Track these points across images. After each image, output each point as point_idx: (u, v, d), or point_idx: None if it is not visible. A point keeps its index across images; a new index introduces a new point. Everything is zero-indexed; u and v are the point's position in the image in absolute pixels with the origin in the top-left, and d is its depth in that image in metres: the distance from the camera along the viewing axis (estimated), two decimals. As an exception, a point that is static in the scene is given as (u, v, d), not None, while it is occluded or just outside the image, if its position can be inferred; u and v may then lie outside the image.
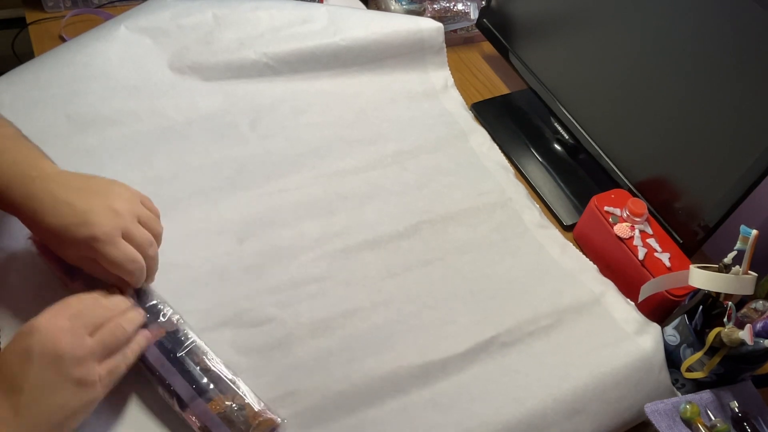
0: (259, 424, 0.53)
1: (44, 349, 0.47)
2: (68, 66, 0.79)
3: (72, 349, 0.47)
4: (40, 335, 0.47)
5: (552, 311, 0.68)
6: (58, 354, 0.47)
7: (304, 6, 0.92)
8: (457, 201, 0.78)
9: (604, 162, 0.82)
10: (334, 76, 0.90)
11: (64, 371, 0.47)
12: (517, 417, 0.59)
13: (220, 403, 0.54)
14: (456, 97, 0.94)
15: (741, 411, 0.60)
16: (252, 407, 0.54)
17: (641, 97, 0.76)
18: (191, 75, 0.84)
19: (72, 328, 0.48)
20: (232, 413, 0.53)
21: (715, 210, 0.69)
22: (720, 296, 0.63)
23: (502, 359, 0.63)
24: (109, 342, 0.50)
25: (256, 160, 0.78)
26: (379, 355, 0.62)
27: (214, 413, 0.53)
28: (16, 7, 1.05)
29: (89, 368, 0.48)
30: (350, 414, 0.58)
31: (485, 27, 1.03)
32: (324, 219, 0.73)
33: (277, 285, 0.66)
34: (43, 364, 0.46)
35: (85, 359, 0.48)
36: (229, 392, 0.55)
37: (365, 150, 0.82)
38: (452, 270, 0.71)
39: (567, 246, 0.76)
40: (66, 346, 0.47)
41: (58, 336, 0.47)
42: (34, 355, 0.46)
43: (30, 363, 0.46)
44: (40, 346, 0.47)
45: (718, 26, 0.65)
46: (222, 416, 0.53)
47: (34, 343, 0.47)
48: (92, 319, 0.50)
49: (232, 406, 0.54)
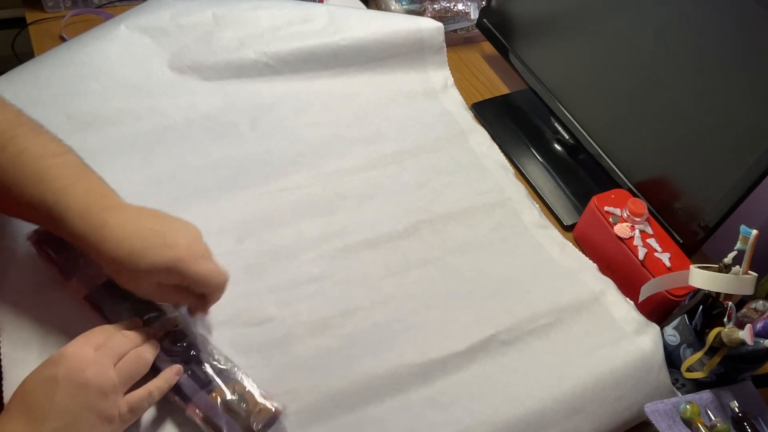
0: (260, 411, 0.54)
1: (70, 378, 0.46)
2: (68, 65, 0.79)
3: (97, 379, 0.47)
4: (68, 364, 0.47)
5: (551, 310, 0.68)
6: (84, 384, 0.47)
7: (304, 5, 0.92)
8: (456, 200, 0.78)
9: (604, 162, 0.82)
10: (334, 76, 0.90)
11: (89, 402, 0.47)
12: (517, 416, 0.59)
13: (221, 393, 0.54)
14: (456, 97, 0.94)
15: (741, 411, 0.60)
16: (253, 395, 0.54)
17: (641, 97, 0.76)
18: (191, 74, 0.84)
19: (97, 359, 0.48)
20: (233, 402, 0.53)
21: (715, 210, 0.69)
22: (720, 296, 0.63)
23: (502, 358, 0.63)
24: (132, 372, 0.50)
25: (256, 159, 0.78)
26: (378, 354, 0.62)
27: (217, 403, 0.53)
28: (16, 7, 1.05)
29: (112, 402, 0.48)
30: (350, 412, 0.58)
31: (485, 27, 1.03)
32: (323, 218, 0.73)
33: (276, 284, 0.66)
34: (68, 393, 0.46)
35: (109, 392, 0.48)
36: (229, 382, 0.55)
37: (365, 149, 0.82)
38: (451, 269, 0.71)
39: (566, 245, 0.76)
40: (91, 376, 0.47)
41: (84, 366, 0.47)
42: (59, 383, 0.46)
43: (56, 390, 0.46)
44: (67, 374, 0.47)
45: (719, 26, 0.65)
46: (224, 405, 0.53)
47: (61, 371, 0.47)
48: (116, 350, 0.50)
49: (233, 396, 0.54)
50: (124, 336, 0.52)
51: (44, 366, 0.48)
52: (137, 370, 0.51)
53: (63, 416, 0.46)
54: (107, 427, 0.48)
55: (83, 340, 0.50)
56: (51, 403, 0.46)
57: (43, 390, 0.46)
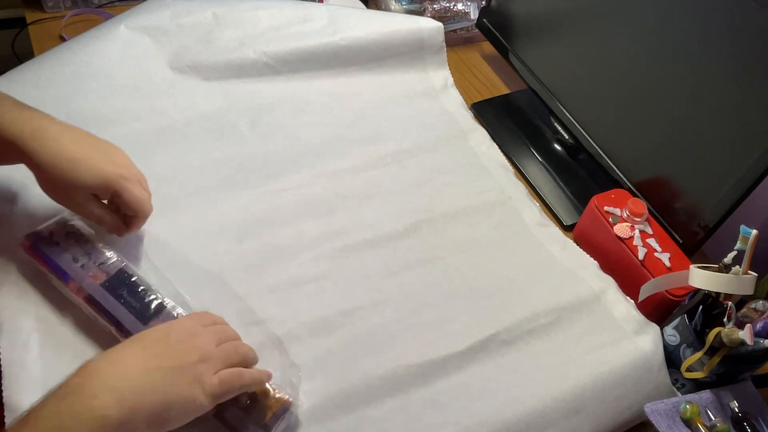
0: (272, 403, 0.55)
1: (180, 336, 0.51)
2: (68, 65, 0.79)
3: (202, 344, 0.51)
4: (183, 325, 0.53)
5: (551, 309, 0.68)
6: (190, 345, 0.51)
7: (304, 5, 0.92)
8: (456, 200, 0.78)
9: (604, 162, 0.82)
10: (334, 76, 0.90)
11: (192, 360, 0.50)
12: (517, 416, 0.59)
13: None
14: (455, 97, 0.94)
15: (741, 411, 0.60)
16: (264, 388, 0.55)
17: (641, 97, 0.76)
18: (191, 74, 0.84)
19: (206, 332, 0.53)
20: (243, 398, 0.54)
21: (715, 210, 0.69)
22: (720, 296, 0.63)
23: (502, 358, 0.63)
24: (229, 356, 0.53)
25: (256, 159, 0.78)
26: (378, 354, 0.62)
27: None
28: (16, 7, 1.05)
29: (209, 370, 0.50)
30: (349, 413, 0.58)
31: (485, 27, 1.03)
32: (323, 218, 0.73)
33: (276, 284, 0.66)
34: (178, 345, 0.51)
35: (209, 359, 0.51)
36: None
37: (365, 149, 0.82)
38: (452, 269, 0.71)
39: (567, 243, 0.76)
40: (198, 341, 0.51)
41: (194, 331, 0.52)
42: (173, 335, 0.51)
43: (168, 339, 0.51)
44: (178, 331, 0.52)
45: (719, 26, 0.65)
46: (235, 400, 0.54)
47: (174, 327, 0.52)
48: (222, 334, 0.54)
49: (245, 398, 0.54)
50: (229, 327, 0.57)
51: (162, 324, 0.54)
52: (233, 358, 0.53)
53: (168, 359, 0.49)
54: (196, 392, 0.49)
55: (194, 317, 0.56)
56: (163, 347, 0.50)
57: (159, 336, 0.51)
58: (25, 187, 0.67)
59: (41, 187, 0.58)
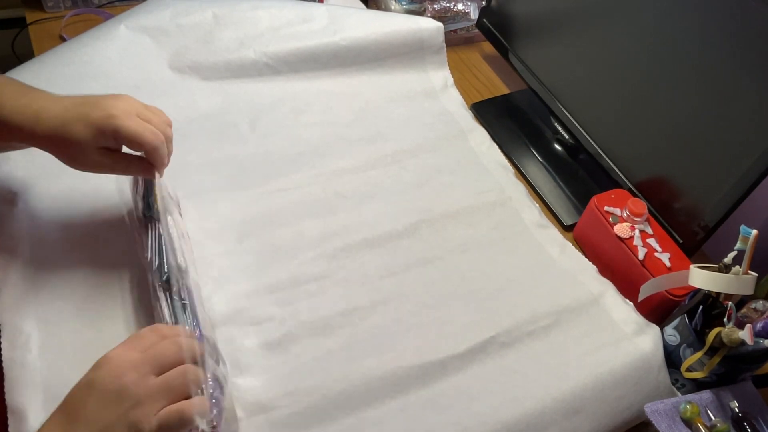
0: None
1: (105, 384, 0.45)
2: (68, 65, 0.79)
3: (133, 387, 0.44)
4: (107, 368, 0.45)
5: (551, 311, 0.68)
6: (119, 391, 0.44)
7: (304, 5, 0.92)
8: (456, 200, 0.78)
9: (604, 162, 0.82)
10: (334, 76, 0.90)
11: (122, 410, 0.44)
12: (516, 417, 0.59)
13: None
14: (455, 97, 0.94)
15: (741, 411, 0.60)
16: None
17: (641, 96, 0.76)
18: (191, 74, 0.84)
19: (138, 366, 0.45)
20: None
21: (715, 210, 0.69)
22: (720, 296, 0.63)
23: (501, 359, 0.63)
24: (173, 387, 0.46)
25: (256, 159, 0.78)
26: (378, 354, 0.62)
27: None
28: (16, 7, 1.05)
29: (146, 413, 0.44)
30: (349, 414, 0.57)
31: (485, 27, 1.03)
32: (323, 218, 0.73)
33: (276, 284, 0.66)
34: (102, 400, 0.44)
35: (144, 401, 0.44)
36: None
37: (365, 149, 0.82)
38: (451, 269, 0.71)
39: (566, 246, 0.76)
40: (127, 382, 0.45)
41: (123, 371, 0.45)
42: (95, 388, 0.45)
43: (90, 396, 0.44)
44: (103, 379, 0.45)
45: (719, 26, 0.65)
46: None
47: (99, 376, 0.45)
48: (162, 359, 0.47)
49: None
50: (174, 344, 0.48)
51: (90, 370, 0.46)
52: (178, 389, 0.46)
53: (94, 423, 0.44)
54: None
55: (131, 343, 0.47)
56: (84, 409, 0.44)
57: (80, 395, 0.45)
58: (25, 187, 0.67)
59: (63, 162, 0.58)
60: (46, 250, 0.63)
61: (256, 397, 0.57)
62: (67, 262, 0.62)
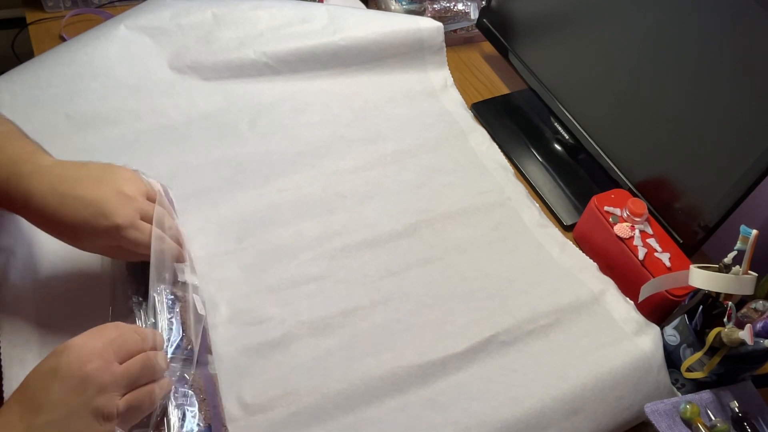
0: None
1: (70, 371, 0.45)
2: (68, 65, 0.79)
3: (97, 374, 0.45)
4: (70, 355, 0.45)
5: (551, 311, 0.68)
6: (83, 377, 0.44)
7: (304, 5, 0.92)
8: (456, 200, 0.78)
9: (604, 162, 0.82)
10: (334, 76, 0.90)
11: (86, 397, 0.44)
12: (516, 416, 0.59)
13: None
14: (455, 97, 0.94)
15: (741, 411, 0.60)
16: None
17: (641, 96, 0.76)
18: (191, 74, 0.84)
19: (102, 353, 0.46)
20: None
21: (715, 210, 0.69)
22: (720, 296, 0.63)
23: (501, 359, 0.63)
24: (137, 374, 0.47)
25: (256, 159, 0.78)
26: (378, 354, 0.62)
27: None
28: (16, 7, 1.05)
29: (110, 399, 0.45)
30: (349, 413, 0.57)
31: (485, 27, 1.03)
32: (323, 218, 0.73)
33: (276, 284, 0.66)
34: (66, 386, 0.44)
35: (109, 388, 0.45)
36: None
37: (364, 149, 0.82)
38: (451, 269, 0.71)
39: (566, 244, 0.76)
40: (92, 369, 0.45)
41: (87, 359, 0.45)
42: (59, 374, 0.44)
43: (54, 382, 0.44)
44: (67, 366, 0.45)
45: (719, 26, 0.65)
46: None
47: (62, 362, 0.45)
48: (125, 347, 0.48)
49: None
50: (138, 335, 0.49)
51: (48, 357, 0.46)
52: (143, 374, 0.48)
53: (57, 409, 0.44)
54: (103, 425, 0.45)
55: (93, 333, 0.48)
56: (47, 395, 0.44)
57: (42, 381, 0.45)
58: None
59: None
60: (46, 250, 0.63)
61: (257, 397, 0.57)
62: (66, 262, 0.62)
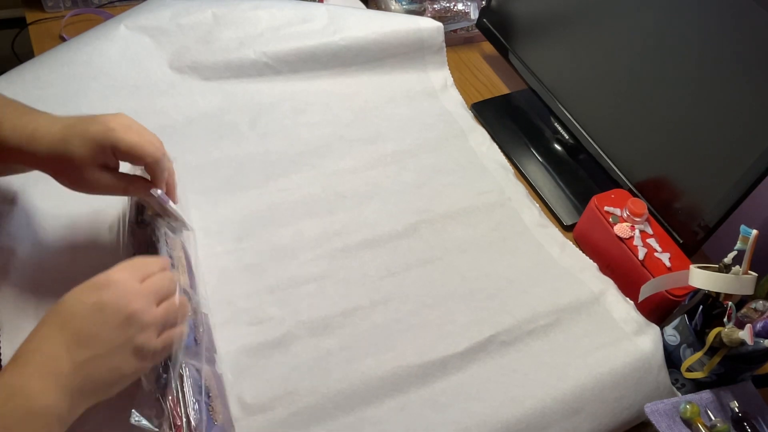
0: None
1: (117, 307, 0.46)
2: (68, 65, 0.79)
3: (141, 314, 0.47)
4: (115, 292, 0.46)
5: (551, 310, 0.68)
6: (129, 316, 0.46)
7: (304, 5, 0.92)
8: (456, 200, 0.78)
9: (604, 162, 0.82)
10: (334, 76, 0.90)
11: (129, 335, 0.46)
12: (516, 416, 0.59)
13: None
14: (455, 97, 0.94)
15: (741, 411, 0.60)
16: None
17: (641, 96, 0.76)
18: (191, 74, 0.84)
19: (144, 294, 0.48)
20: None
21: (715, 210, 0.69)
22: (720, 296, 0.63)
23: (501, 359, 0.63)
24: (170, 317, 0.50)
25: (256, 159, 0.78)
26: (378, 354, 0.62)
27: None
28: (16, 7, 1.05)
29: (149, 338, 0.47)
30: (349, 413, 0.58)
31: (485, 27, 1.03)
32: (323, 218, 0.73)
33: (276, 284, 0.66)
34: (113, 322, 0.46)
35: (150, 328, 0.47)
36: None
37: (365, 149, 0.82)
38: (451, 269, 0.71)
39: (566, 245, 0.76)
40: (136, 309, 0.46)
41: (132, 298, 0.47)
42: (106, 310, 0.46)
43: (100, 318, 0.46)
44: (114, 303, 0.46)
45: (719, 26, 0.65)
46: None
47: (108, 299, 0.46)
48: (162, 290, 0.50)
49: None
50: (168, 278, 0.51)
51: (89, 290, 0.47)
52: (173, 317, 0.50)
53: (103, 345, 0.45)
54: (139, 362, 0.47)
55: (129, 271, 0.49)
56: (93, 330, 0.45)
57: (89, 315, 0.46)
58: (25, 187, 0.67)
59: (63, 184, 0.57)
60: (46, 250, 0.63)
61: (257, 397, 0.57)
62: (67, 262, 0.62)
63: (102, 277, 0.47)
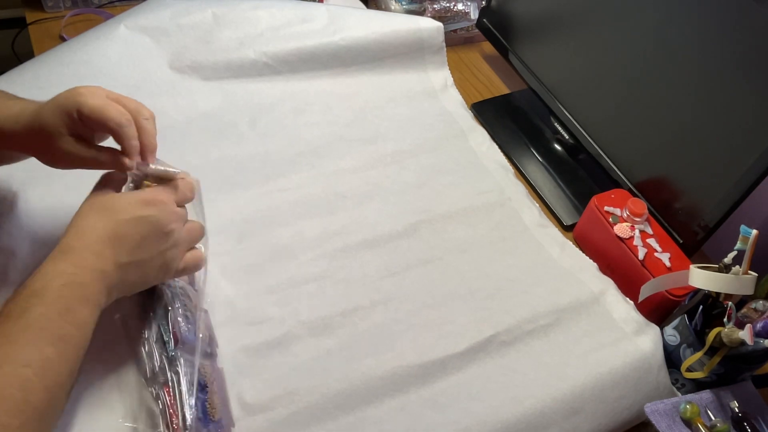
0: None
1: (160, 224, 0.52)
2: (68, 65, 0.79)
3: (177, 233, 0.54)
4: (160, 211, 0.52)
5: (551, 310, 0.68)
6: (168, 233, 0.53)
7: (304, 5, 0.92)
8: (456, 200, 0.78)
9: (604, 162, 0.82)
10: (334, 76, 0.90)
11: (163, 248, 0.53)
12: (516, 416, 0.59)
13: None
14: (455, 97, 0.94)
15: (741, 411, 0.60)
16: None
17: (641, 96, 0.76)
18: (191, 74, 0.84)
19: (180, 216, 0.55)
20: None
21: (715, 210, 0.69)
22: (720, 296, 0.63)
23: (501, 359, 0.63)
24: (194, 239, 0.57)
25: (256, 159, 0.78)
26: (378, 354, 0.62)
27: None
28: (16, 7, 1.05)
29: (177, 254, 0.55)
30: (349, 413, 0.58)
31: (485, 27, 1.03)
32: (323, 218, 0.73)
33: (276, 284, 0.66)
34: (154, 235, 0.52)
35: (179, 245, 0.54)
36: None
37: (365, 149, 0.82)
38: (451, 269, 0.71)
39: (566, 245, 0.76)
40: (174, 228, 0.53)
41: (173, 218, 0.53)
42: (150, 223, 0.51)
43: (145, 229, 0.51)
44: (158, 220, 0.52)
45: (719, 26, 0.65)
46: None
47: (153, 215, 0.52)
48: (186, 215, 0.56)
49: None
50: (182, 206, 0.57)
51: (137, 203, 0.52)
52: (195, 238, 0.57)
53: (142, 253, 0.51)
54: (162, 275, 0.54)
55: (168, 194, 0.54)
56: (137, 240, 0.51)
57: (136, 226, 0.51)
58: (25, 187, 0.67)
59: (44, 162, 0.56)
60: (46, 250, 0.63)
61: (257, 397, 0.57)
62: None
63: (147, 194, 0.53)
